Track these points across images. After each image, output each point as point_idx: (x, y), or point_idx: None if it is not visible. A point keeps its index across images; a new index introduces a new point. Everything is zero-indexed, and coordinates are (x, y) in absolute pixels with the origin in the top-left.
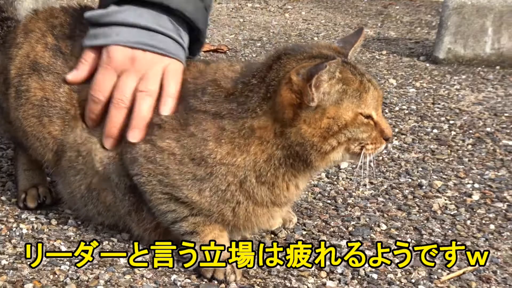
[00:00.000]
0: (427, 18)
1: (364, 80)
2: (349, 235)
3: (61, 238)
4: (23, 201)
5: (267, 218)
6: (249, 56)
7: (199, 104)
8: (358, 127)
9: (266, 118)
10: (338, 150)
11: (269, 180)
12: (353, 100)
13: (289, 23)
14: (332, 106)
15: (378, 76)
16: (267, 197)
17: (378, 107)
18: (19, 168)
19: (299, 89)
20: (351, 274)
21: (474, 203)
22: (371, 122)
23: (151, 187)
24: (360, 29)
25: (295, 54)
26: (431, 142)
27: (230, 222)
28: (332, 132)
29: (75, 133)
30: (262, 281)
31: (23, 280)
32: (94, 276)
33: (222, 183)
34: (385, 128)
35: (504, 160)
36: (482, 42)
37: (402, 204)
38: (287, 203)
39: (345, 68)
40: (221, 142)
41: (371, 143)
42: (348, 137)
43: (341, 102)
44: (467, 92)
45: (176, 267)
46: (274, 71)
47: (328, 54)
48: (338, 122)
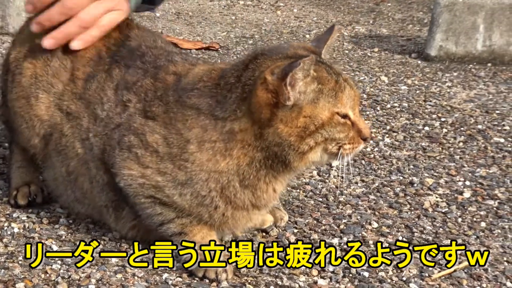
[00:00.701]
0: (419, 15)
1: (340, 80)
2: (340, 233)
3: (52, 237)
4: (14, 198)
5: (246, 221)
6: (241, 53)
7: (188, 99)
8: (334, 127)
9: (245, 120)
10: (316, 150)
11: (252, 183)
12: (329, 99)
13: (281, 20)
14: (309, 105)
15: (370, 73)
16: (248, 200)
17: (355, 106)
18: (13, 165)
19: (275, 89)
20: (342, 272)
21: (465, 201)
22: (348, 122)
23: (133, 190)
24: (332, 26)
25: (271, 55)
26: (423, 139)
27: (207, 223)
28: (309, 131)
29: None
30: (253, 280)
31: (15, 279)
32: (85, 275)
33: (203, 189)
34: (362, 128)
35: (495, 157)
36: (474, 39)
37: (394, 202)
38: (266, 205)
39: (320, 67)
40: (202, 147)
41: (349, 143)
42: (325, 137)
43: (317, 101)
44: (458, 90)
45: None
46: (250, 70)
47: (303, 54)
48: (314, 121)
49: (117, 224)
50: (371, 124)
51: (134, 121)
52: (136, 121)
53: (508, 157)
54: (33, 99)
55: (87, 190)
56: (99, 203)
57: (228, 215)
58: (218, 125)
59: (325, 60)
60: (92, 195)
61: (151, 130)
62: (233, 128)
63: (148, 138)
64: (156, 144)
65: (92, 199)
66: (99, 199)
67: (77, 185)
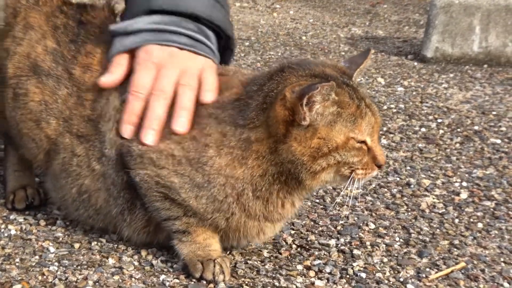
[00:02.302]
0: (415, 17)
1: (362, 105)
2: (337, 234)
3: (49, 239)
4: (12, 202)
5: (256, 232)
6: (237, 55)
7: (207, 108)
8: (349, 151)
9: (262, 130)
10: (328, 171)
11: (264, 196)
12: (347, 124)
13: (277, 22)
14: (324, 127)
15: (366, 75)
16: (260, 211)
17: (374, 133)
18: (9, 168)
19: (292, 107)
20: (340, 273)
21: (462, 202)
22: (364, 147)
23: (147, 186)
24: (367, 50)
25: (298, 69)
26: (419, 140)
27: (222, 230)
28: (322, 153)
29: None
30: (251, 281)
31: (12, 281)
32: (82, 277)
33: (220, 193)
34: (378, 155)
35: (492, 158)
36: (470, 40)
37: (390, 203)
38: (280, 220)
39: (343, 91)
40: (221, 152)
41: (362, 168)
42: (338, 160)
43: (334, 125)
44: (455, 91)
45: (164, 267)
46: (274, 82)
47: (330, 74)
48: (328, 144)
49: (130, 226)
50: None
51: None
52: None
53: (505, 158)
54: (44, 123)
55: (102, 205)
56: (115, 211)
57: (241, 222)
58: (237, 131)
59: (352, 83)
60: (108, 205)
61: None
62: (249, 136)
63: (160, 145)
64: (170, 149)
65: (107, 211)
66: (116, 205)
67: (90, 203)
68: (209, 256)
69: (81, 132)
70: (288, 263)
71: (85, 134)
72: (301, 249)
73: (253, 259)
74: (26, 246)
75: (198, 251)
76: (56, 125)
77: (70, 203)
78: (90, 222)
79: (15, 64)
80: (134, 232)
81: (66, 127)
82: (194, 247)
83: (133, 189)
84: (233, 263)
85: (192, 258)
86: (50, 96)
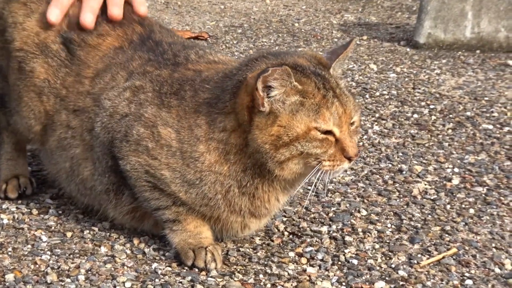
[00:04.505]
0: (407, 3)
1: (329, 95)
2: (329, 221)
3: (42, 228)
4: (4, 191)
5: (241, 227)
6: (230, 43)
7: (201, 94)
8: (310, 142)
9: (233, 117)
10: (295, 162)
11: (250, 191)
12: (309, 114)
13: (270, 9)
14: (286, 115)
15: (359, 61)
16: (246, 207)
17: (342, 124)
18: (2, 157)
19: (251, 92)
20: (331, 260)
21: (454, 188)
22: (331, 139)
23: (137, 175)
24: (351, 40)
25: (270, 58)
26: (412, 127)
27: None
28: (283, 142)
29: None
30: (242, 268)
31: (4, 270)
32: (75, 266)
33: (211, 191)
34: (347, 147)
35: (484, 144)
36: (462, 26)
37: (382, 189)
38: (267, 215)
39: (308, 80)
40: (209, 147)
41: (328, 160)
42: (300, 150)
43: (296, 113)
44: (447, 77)
45: (157, 255)
46: (245, 69)
47: (300, 64)
48: (288, 133)
49: (116, 209)
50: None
51: (146, 110)
52: (148, 110)
53: (497, 144)
54: (45, 97)
55: (88, 178)
56: (99, 188)
57: (223, 217)
58: (218, 118)
59: (324, 73)
60: (93, 179)
61: (163, 123)
62: (226, 125)
63: (161, 131)
64: (169, 138)
65: (91, 186)
66: (101, 183)
67: (78, 173)
68: (200, 244)
69: (77, 106)
70: (280, 250)
71: (81, 107)
72: (293, 236)
73: (245, 247)
74: (19, 235)
75: (189, 239)
76: (53, 102)
77: (64, 178)
78: (78, 197)
79: (23, 39)
80: (119, 215)
81: (63, 105)
82: (185, 235)
83: (120, 175)
84: (225, 251)
85: (184, 246)
86: (52, 76)
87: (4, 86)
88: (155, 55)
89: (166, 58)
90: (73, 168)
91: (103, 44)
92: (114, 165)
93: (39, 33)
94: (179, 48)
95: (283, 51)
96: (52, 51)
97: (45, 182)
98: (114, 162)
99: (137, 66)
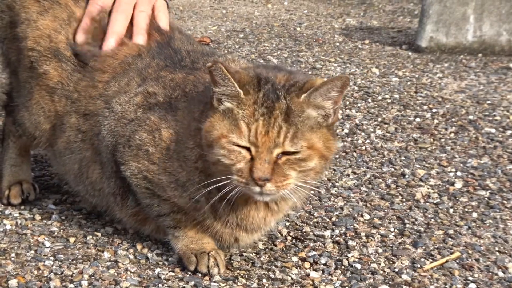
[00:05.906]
0: (409, 7)
1: (258, 113)
2: (332, 225)
3: (45, 233)
4: (7, 198)
5: (233, 239)
6: (232, 47)
7: (198, 95)
8: (220, 148)
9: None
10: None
11: (234, 200)
12: (230, 122)
13: (272, 13)
14: (219, 115)
15: (361, 65)
16: (233, 219)
17: (261, 144)
18: (6, 163)
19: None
20: (335, 265)
21: (457, 191)
22: (244, 154)
23: (136, 181)
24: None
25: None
26: (414, 131)
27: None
28: (207, 141)
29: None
30: (246, 273)
31: (7, 276)
32: (78, 271)
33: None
34: (255, 168)
35: (486, 147)
36: (464, 30)
37: (385, 193)
38: (256, 230)
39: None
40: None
41: (236, 175)
42: (216, 155)
43: (223, 118)
44: (449, 80)
45: (160, 261)
46: None
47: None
48: (212, 131)
49: (121, 211)
50: (362, 116)
51: (153, 113)
52: (155, 114)
53: (499, 147)
54: (56, 98)
55: (97, 179)
56: (107, 191)
57: (212, 226)
58: (203, 114)
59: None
60: (101, 182)
61: (167, 126)
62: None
63: (164, 133)
64: (169, 140)
65: (100, 187)
66: (108, 186)
67: (88, 175)
68: (202, 249)
69: (88, 110)
70: (283, 255)
71: (92, 111)
72: (296, 241)
73: (248, 251)
74: (22, 241)
75: (191, 244)
76: (64, 104)
77: (72, 179)
78: (87, 197)
79: (36, 39)
80: (125, 216)
81: (74, 108)
82: (187, 241)
83: (125, 181)
84: (228, 256)
85: (186, 251)
86: (66, 80)
87: (13, 81)
88: (172, 62)
89: (184, 65)
90: (82, 170)
91: (120, 53)
92: (117, 171)
93: (51, 36)
94: (198, 56)
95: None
96: (65, 57)
97: (48, 188)
98: (118, 168)
99: (151, 72)
